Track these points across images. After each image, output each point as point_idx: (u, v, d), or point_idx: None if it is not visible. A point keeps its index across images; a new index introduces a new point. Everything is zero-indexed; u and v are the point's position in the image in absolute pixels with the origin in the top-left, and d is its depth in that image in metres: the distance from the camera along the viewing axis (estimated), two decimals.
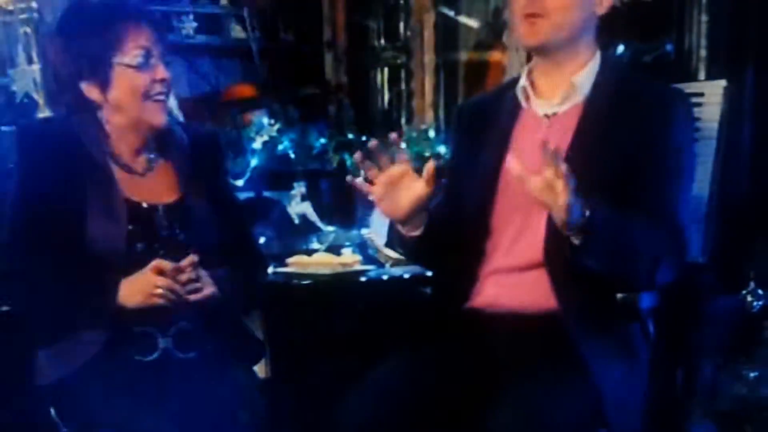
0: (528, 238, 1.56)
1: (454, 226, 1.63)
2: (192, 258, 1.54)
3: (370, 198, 1.53)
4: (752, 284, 2.11)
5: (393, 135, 1.56)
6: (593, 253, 1.43)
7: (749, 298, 2.09)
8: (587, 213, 1.39)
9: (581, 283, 1.50)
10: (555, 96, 1.62)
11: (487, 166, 1.62)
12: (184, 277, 1.53)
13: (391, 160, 1.51)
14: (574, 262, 1.45)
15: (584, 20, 1.58)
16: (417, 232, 1.57)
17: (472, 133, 1.70)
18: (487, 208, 1.61)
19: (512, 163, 1.40)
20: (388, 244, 1.82)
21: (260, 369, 1.83)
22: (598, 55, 1.63)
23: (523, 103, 1.65)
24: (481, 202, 1.62)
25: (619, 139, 1.54)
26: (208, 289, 1.56)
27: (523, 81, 1.65)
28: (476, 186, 1.63)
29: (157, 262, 1.53)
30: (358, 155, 1.51)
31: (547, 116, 1.62)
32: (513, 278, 1.58)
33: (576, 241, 1.42)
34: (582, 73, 1.61)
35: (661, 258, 1.51)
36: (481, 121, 1.69)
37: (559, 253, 1.48)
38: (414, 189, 1.51)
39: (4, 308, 1.69)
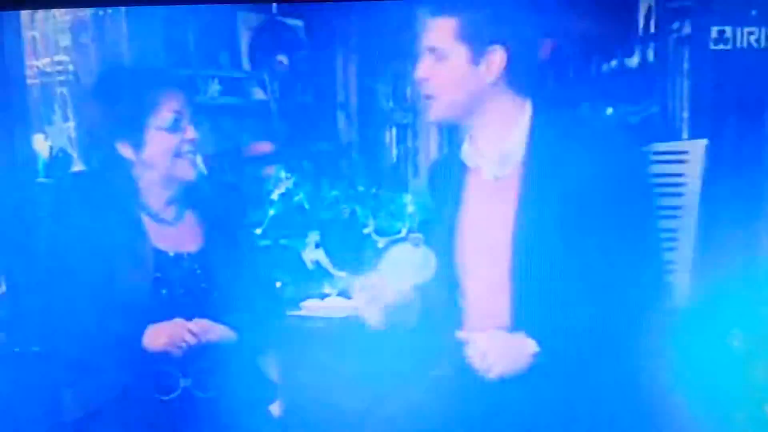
0: (498, 296, 1.49)
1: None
2: None
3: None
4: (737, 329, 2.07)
5: None
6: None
7: (735, 343, 2.04)
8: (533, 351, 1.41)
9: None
10: (495, 158, 1.52)
11: (446, 226, 1.57)
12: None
13: None
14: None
15: (477, 92, 1.49)
16: None
17: (436, 192, 1.66)
18: (454, 268, 1.55)
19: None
20: None
21: (274, 409, 1.79)
22: (526, 115, 1.51)
23: (472, 165, 1.56)
24: (449, 262, 1.56)
25: (563, 196, 1.45)
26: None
27: (464, 144, 1.56)
28: (443, 246, 1.58)
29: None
30: None
31: (494, 178, 1.53)
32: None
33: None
34: (512, 136, 1.50)
35: (646, 305, 1.48)
36: (441, 181, 1.63)
37: (528, 309, 1.46)
38: None
39: (35, 348, 1.67)
